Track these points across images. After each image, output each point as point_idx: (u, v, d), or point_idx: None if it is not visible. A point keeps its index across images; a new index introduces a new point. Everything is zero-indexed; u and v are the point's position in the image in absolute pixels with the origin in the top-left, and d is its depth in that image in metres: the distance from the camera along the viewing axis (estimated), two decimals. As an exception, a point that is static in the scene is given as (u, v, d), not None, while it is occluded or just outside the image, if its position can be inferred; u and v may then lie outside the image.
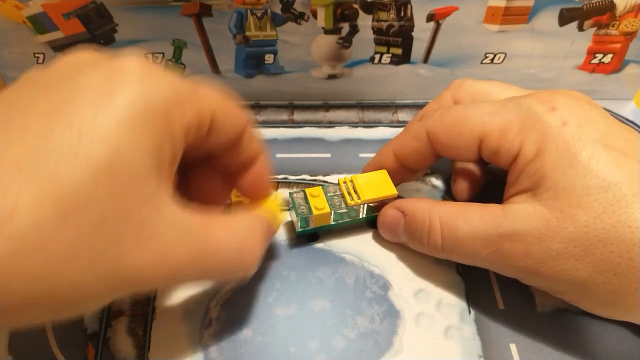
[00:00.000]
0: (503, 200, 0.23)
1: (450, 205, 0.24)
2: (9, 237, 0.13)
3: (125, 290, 0.16)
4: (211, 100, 0.19)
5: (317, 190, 0.26)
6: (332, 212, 0.26)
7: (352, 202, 0.25)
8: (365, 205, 0.26)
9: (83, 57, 0.17)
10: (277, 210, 0.24)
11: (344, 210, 0.26)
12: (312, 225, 0.26)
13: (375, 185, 0.26)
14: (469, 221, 0.22)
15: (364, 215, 0.27)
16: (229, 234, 0.19)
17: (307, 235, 0.28)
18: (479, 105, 0.24)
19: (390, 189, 0.26)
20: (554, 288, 0.22)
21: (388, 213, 0.26)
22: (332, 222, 0.27)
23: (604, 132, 0.21)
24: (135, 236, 0.15)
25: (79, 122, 0.14)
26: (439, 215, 0.24)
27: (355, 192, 0.26)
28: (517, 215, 0.21)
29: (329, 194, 0.26)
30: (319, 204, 0.26)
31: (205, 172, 0.23)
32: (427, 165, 0.26)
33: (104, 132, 0.14)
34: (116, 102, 0.15)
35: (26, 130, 0.14)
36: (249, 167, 0.23)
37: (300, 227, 0.26)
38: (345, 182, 0.26)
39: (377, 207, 0.27)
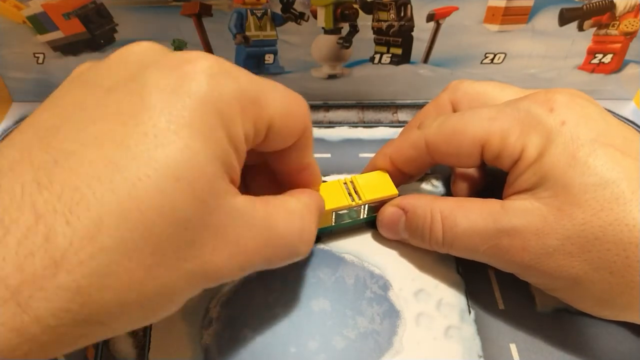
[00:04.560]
0: (502, 198, 0.23)
1: (451, 200, 0.24)
2: (99, 250, 0.13)
3: (202, 286, 0.16)
4: (272, 108, 0.18)
5: None
6: (333, 213, 0.26)
7: (353, 203, 0.25)
8: (367, 206, 0.26)
9: (142, 50, 0.17)
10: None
11: (345, 212, 0.26)
12: None
13: (376, 185, 0.26)
14: (468, 216, 0.22)
15: (365, 216, 0.27)
16: (289, 222, 0.19)
17: None
18: (477, 112, 0.23)
19: (390, 189, 0.26)
20: (550, 285, 0.22)
21: (388, 211, 0.26)
22: (333, 224, 0.27)
23: (602, 130, 0.21)
24: (214, 236, 0.16)
25: (152, 127, 0.14)
26: (440, 210, 0.24)
27: (356, 192, 0.26)
28: (516, 211, 0.21)
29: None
30: None
31: (255, 172, 0.24)
32: (424, 171, 0.26)
33: (179, 139, 0.14)
34: (187, 107, 0.15)
35: (101, 136, 0.14)
36: (297, 175, 0.23)
37: None
38: (345, 183, 0.26)
39: (377, 207, 0.27)
